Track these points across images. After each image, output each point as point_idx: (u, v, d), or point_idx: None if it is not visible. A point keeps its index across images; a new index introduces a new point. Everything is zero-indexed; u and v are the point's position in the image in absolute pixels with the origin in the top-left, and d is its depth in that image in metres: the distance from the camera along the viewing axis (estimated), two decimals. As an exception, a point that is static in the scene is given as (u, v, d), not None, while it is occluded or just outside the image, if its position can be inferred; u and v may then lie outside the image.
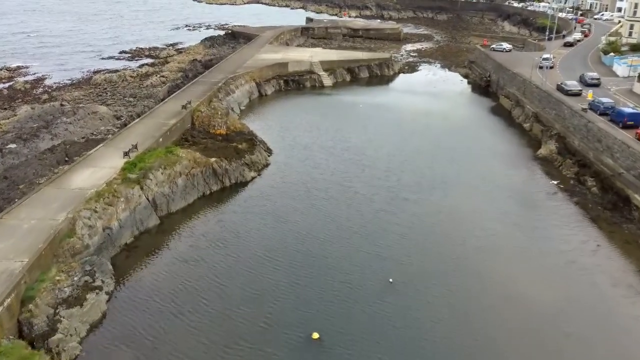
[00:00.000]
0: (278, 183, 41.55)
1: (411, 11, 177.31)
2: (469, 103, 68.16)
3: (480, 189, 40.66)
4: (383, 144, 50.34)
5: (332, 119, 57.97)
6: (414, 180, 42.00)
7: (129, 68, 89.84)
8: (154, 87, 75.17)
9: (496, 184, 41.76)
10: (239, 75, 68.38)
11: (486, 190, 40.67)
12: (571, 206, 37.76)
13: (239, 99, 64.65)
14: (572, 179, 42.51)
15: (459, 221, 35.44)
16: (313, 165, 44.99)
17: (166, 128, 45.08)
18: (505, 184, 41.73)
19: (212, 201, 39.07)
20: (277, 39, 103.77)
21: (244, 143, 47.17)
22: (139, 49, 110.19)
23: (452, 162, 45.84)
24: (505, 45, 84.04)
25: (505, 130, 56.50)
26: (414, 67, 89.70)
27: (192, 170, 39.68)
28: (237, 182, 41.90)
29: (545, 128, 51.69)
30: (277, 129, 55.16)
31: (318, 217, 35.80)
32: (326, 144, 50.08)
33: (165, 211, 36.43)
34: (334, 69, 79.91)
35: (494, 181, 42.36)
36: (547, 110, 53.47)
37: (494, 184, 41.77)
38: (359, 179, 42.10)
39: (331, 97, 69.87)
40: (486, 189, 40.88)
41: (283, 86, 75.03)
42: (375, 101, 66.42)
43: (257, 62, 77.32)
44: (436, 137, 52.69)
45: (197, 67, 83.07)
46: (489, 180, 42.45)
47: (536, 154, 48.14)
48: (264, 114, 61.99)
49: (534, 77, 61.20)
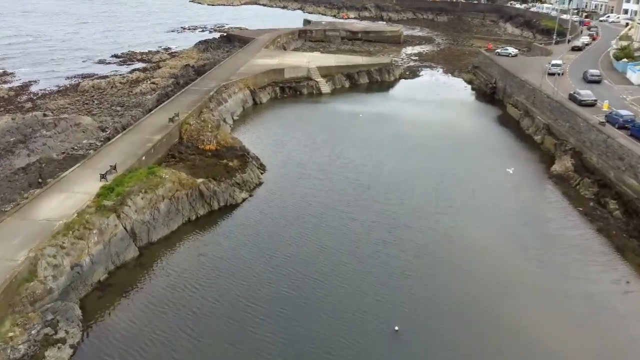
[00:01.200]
0: (269, 207, 38.02)
1: (411, 12, 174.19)
2: (474, 112, 64.54)
3: (490, 215, 36.97)
4: (383, 160, 46.69)
5: (330, 131, 54.42)
6: (417, 204, 38.38)
7: (120, 73, 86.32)
8: (143, 94, 71.67)
9: (508, 208, 38.10)
10: (232, 83, 64.92)
11: (497, 215, 37.00)
12: (593, 234, 34.24)
13: (232, 108, 61.19)
14: (591, 201, 39.04)
15: (469, 256, 31.61)
16: (307, 185, 41.45)
17: (150, 145, 41.63)
18: (519, 208, 38.10)
19: (197, 227, 35.59)
20: (273, 43, 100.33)
21: (235, 160, 43.75)
22: (132, 52, 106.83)
23: (459, 182, 42.21)
24: (510, 50, 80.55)
25: (515, 143, 52.90)
26: (415, 72, 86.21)
27: (176, 193, 36.20)
28: (227, 204, 38.43)
29: (558, 142, 48.22)
30: (271, 142, 51.69)
31: (311, 250, 32.06)
32: (322, 160, 46.52)
33: (145, 241, 32.96)
34: (332, 75, 76.45)
35: (505, 204, 38.69)
36: (560, 122, 50.00)
37: (506, 208, 38.11)
38: (356, 202, 38.47)
39: (329, 106, 66.33)
40: (497, 214, 37.21)
41: (279, 93, 71.56)
42: (376, 111, 62.87)
43: (251, 68, 73.85)
44: (440, 151, 49.01)
45: (189, 73, 79.68)
46: (500, 204, 38.80)
47: (550, 171, 44.60)
48: (258, 124, 58.51)
49: (544, 85, 57.78)
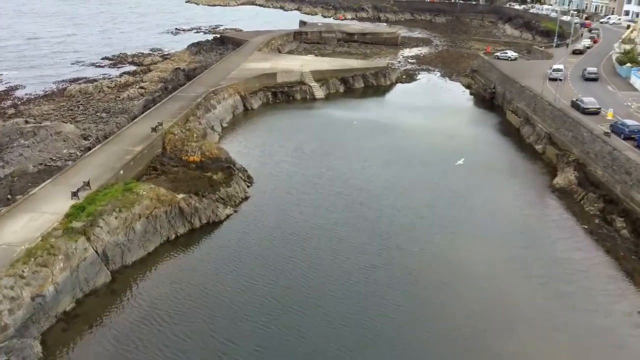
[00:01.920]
0: (253, 225, 35.62)
1: (409, 13, 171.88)
2: (473, 119, 62.11)
3: (489, 235, 34.48)
4: (376, 172, 44.15)
5: (321, 140, 52.01)
6: (410, 222, 35.84)
7: (109, 77, 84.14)
8: (130, 99, 69.33)
9: (509, 227, 35.61)
10: (222, 89, 62.55)
11: (497, 235, 34.48)
12: (600, 256, 31.88)
13: (221, 115, 58.83)
14: (596, 217, 36.71)
15: (466, 284, 29.12)
16: (295, 200, 39.04)
17: (130, 157, 39.27)
18: (520, 227, 35.60)
19: (176, 248, 33.25)
20: (267, 45, 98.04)
21: (220, 173, 41.40)
22: (123, 55, 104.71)
23: (455, 197, 39.74)
24: (510, 53, 78.12)
25: (515, 153, 50.54)
26: (412, 76, 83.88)
27: (154, 211, 33.84)
28: (209, 221, 36.07)
29: (560, 152, 45.92)
30: (260, 152, 49.34)
31: (295, 277, 29.53)
32: (311, 172, 44.09)
33: (119, 264, 30.64)
34: (327, 79, 74.11)
35: (505, 223, 36.22)
36: (563, 131, 47.71)
37: (507, 227, 35.67)
38: (346, 220, 35.99)
39: (322, 112, 63.98)
40: (497, 233, 34.69)
41: (271, 99, 69.26)
42: (370, 117, 60.51)
43: (243, 72, 71.48)
44: (437, 163, 46.43)
45: (179, 77, 77.31)
46: (500, 221, 36.38)
47: (553, 184, 42.27)
48: (247, 132, 56.14)
49: (545, 91, 55.49)
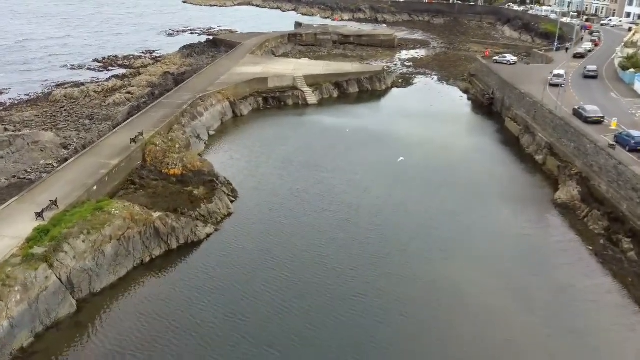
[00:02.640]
0: (234, 247, 33.22)
1: (406, 14, 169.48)
2: (470, 127, 59.74)
3: (488, 259, 31.98)
4: (368, 187, 41.67)
5: (311, 151, 49.63)
6: (402, 245, 33.21)
7: (97, 81, 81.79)
8: (116, 105, 67.03)
9: (508, 250, 33.11)
10: (210, 94, 60.20)
11: (496, 259, 31.97)
12: (607, 283, 29.50)
13: (208, 122, 56.46)
14: (601, 237, 34.40)
15: (463, 318, 26.67)
16: (281, 218, 36.60)
17: (104, 171, 36.87)
18: (521, 250, 33.12)
19: (150, 272, 30.90)
20: (260, 48, 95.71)
21: (202, 187, 39.06)
22: (114, 57, 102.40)
23: (451, 214, 37.20)
24: (509, 57, 75.84)
25: (514, 164, 48.18)
26: (408, 80, 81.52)
27: (127, 232, 31.49)
28: (188, 242, 33.76)
29: (562, 164, 43.60)
30: (247, 163, 46.97)
31: (274, 310, 26.92)
32: (299, 186, 41.65)
33: (86, 292, 28.29)
34: (320, 84, 71.75)
35: (505, 244, 33.78)
36: (564, 141, 45.40)
37: (506, 249, 33.19)
38: (333, 242, 33.49)
39: (314, 119, 61.61)
40: (496, 257, 32.19)
41: (262, 104, 66.91)
42: (364, 125, 58.13)
43: (233, 77, 69.11)
44: (432, 177, 44.00)
45: (168, 81, 74.87)
46: (499, 243, 33.92)
47: (554, 199, 39.94)
48: (235, 141, 53.77)
49: (546, 98, 53.19)
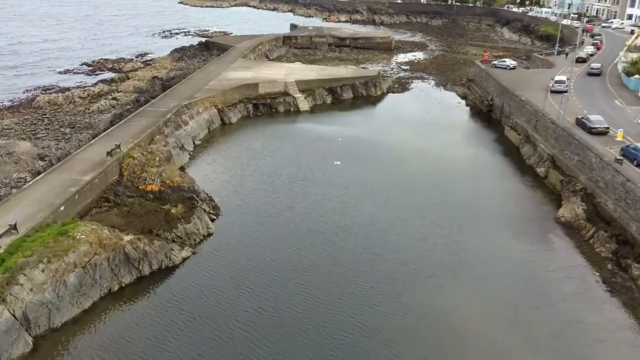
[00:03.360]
0: (211, 272, 30.63)
1: (404, 16, 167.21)
2: (469, 136, 57.16)
3: (486, 288, 29.42)
4: (359, 204, 38.97)
5: (301, 162, 47.03)
6: (392, 271, 30.53)
7: (83, 86, 79.24)
8: (100, 112, 64.42)
9: (509, 277, 30.50)
10: (196, 102, 57.62)
11: (496, 288, 29.38)
12: (619, 316, 26.87)
13: (194, 131, 53.90)
14: (609, 261, 31.88)
15: (462, 353, 24.36)
16: (264, 240, 33.92)
17: (75, 189, 34.28)
18: (523, 277, 30.51)
19: (118, 302, 28.33)
20: (253, 51, 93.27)
21: (180, 205, 36.51)
22: (103, 60, 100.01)
23: (446, 235, 34.58)
24: (508, 62, 73.24)
25: (515, 176, 45.62)
26: (404, 85, 78.95)
27: (93, 258, 28.92)
28: (162, 267, 31.21)
29: (565, 178, 41.09)
30: (231, 176, 44.38)
31: (247, 349, 24.42)
32: (285, 203, 39.02)
33: (44, 327, 25.74)
34: (313, 89, 69.25)
35: (505, 271, 31.13)
36: (567, 154, 42.88)
37: (508, 276, 30.61)
38: (319, 266, 30.90)
39: (305, 127, 59.00)
40: (495, 286, 29.61)
41: (252, 111, 64.37)
42: (357, 134, 55.59)
43: (222, 82, 66.56)
44: (427, 191, 41.45)
45: (155, 86, 72.44)
46: (499, 269, 31.25)
47: (557, 217, 37.41)
48: (220, 151, 51.17)
49: (547, 106, 50.68)
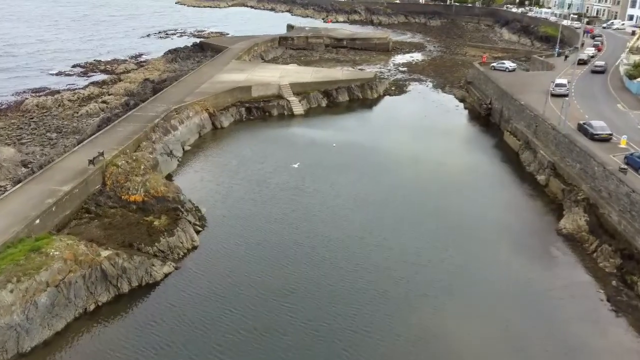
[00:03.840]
0: (193, 291, 28.99)
1: (402, 16, 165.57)
2: (467, 141, 55.48)
3: (486, 307, 27.74)
4: (349, 215, 37.25)
5: (292, 169, 45.45)
6: (383, 291, 28.73)
7: (74, 88, 77.57)
8: (89, 116, 62.85)
9: (510, 295, 28.82)
10: (186, 106, 55.97)
11: (496, 308, 27.70)
12: (627, 339, 25.19)
13: (183, 136, 52.25)
14: (614, 277, 30.26)
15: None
16: (249, 254, 32.25)
17: (52, 201, 32.62)
18: (523, 294, 28.79)
19: (94, 323, 26.71)
20: (248, 52, 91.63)
21: (164, 216, 34.91)
22: (96, 62, 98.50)
23: (441, 249, 32.92)
24: (508, 64, 71.62)
25: (514, 184, 43.97)
26: (402, 88, 77.30)
27: (67, 276, 27.29)
28: (142, 284, 29.60)
29: (567, 187, 39.46)
30: (220, 184, 42.74)
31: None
32: (274, 213, 37.40)
33: (12, 352, 24.13)
34: (308, 92, 67.61)
35: (505, 287, 29.47)
36: (569, 161, 41.26)
37: (507, 294, 28.89)
38: (304, 285, 29.17)
39: (298, 132, 57.35)
40: (495, 304, 27.96)
41: (245, 115, 62.72)
42: (352, 139, 53.94)
43: (214, 85, 64.92)
44: (423, 201, 39.77)
45: (146, 89, 70.81)
46: (499, 285, 29.65)
47: (559, 228, 35.77)
48: (210, 157, 49.53)
49: (548, 111, 49.07)
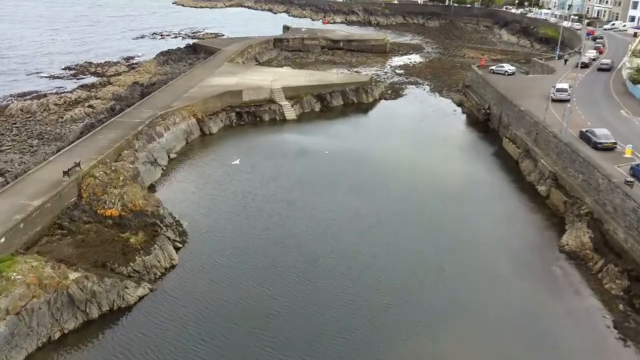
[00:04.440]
0: (168, 316, 26.83)
1: (401, 17, 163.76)
2: (465, 148, 53.36)
3: (485, 336, 25.67)
4: (338, 233, 34.87)
5: (281, 180, 43.24)
6: (371, 318, 26.73)
7: (62, 91, 75.45)
8: (74, 121, 60.71)
9: (510, 322, 26.77)
10: (173, 111, 53.87)
11: (495, 338, 25.67)
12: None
13: (169, 144, 50.14)
14: (621, 301, 28.19)
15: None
16: (229, 274, 30.07)
17: (20, 217, 30.45)
18: (525, 321, 26.70)
19: (58, 353, 24.60)
20: (242, 54, 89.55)
21: (141, 232, 32.77)
22: (87, 64, 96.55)
23: (436, 270, 30.76)
24: (507, 67, 69.43)
25: (514, 196, 41.90)
26: (398, 91, 75.22)
27: (30, 302, 25.17)
28: (114, 308, 27.49)
29: (569, 200, 37.39)
30: (203, 197, 40.60)
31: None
32: (258, 229, 35.22)
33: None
34: (301, 96, 65.58)
35: (506, 314, 27.41)
36: (571, 172, 39.19)
37: (507, 322, 26.83)
38: (288, 312, 26.99)
39: (290, 138, 55.23)
40: (495, 334, 25.94)
41: (235, 120, 60.63)
42: (345, 146, 51.84)
43: (204, 89, 62.81)
44: (418, 215, 37.63)
45: (134, 93, 68.79)
46: (499, 311, 27.56)
47: (561, 245, 33.67)
48: (196, 166, 47.43)
49: (549, 117, 47.02)
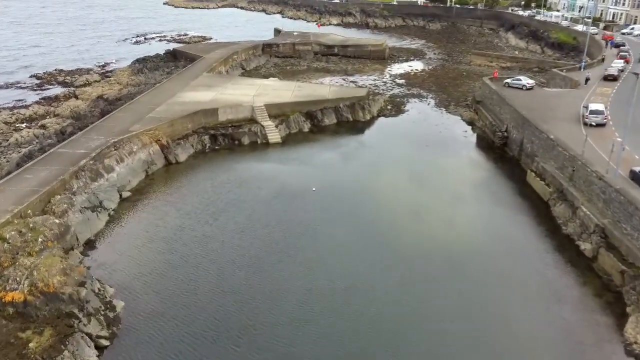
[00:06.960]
0: None
1: (400, 19, 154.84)
2: (480, 183, 43.92)
3: None
4: (326, 310, 26.07)
5: (252, 233, 34.06)
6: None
7: (18, 105, 66.78)
8: (19, 146, 51.60)
9: None
10: (130, 137, 44.79)
11: None
12: None
13: (122, 179, 41.09)
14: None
15: None
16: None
17: None
18: None
19: None
20: (226, 62, 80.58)
21: (49, 328, 23.73)
22: (57, 71, 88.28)
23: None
24: (525, 81, 60.15)
25: (546, 254, 32.53)
26: (399, 106, 66.15)
27: None
28: None
29: (628, 270, 28.38)
30: (155, 253, 31.53)
31: None
32: (220, 308, 26.22)
33: None
34: (287, 114, 56.51)
35: None
36: (627, 229, 30.18)
37: None
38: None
39: (271, 170, 46.00)
40: None
41: (209, 144, 51.54)
42: (337, 180, 42.72)
43: (172, 107, 53.63)
44: (427, 284, 28.64)
45: (95, 110, 59.94)
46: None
47: (624, 338, 24.76)
48: (154, 206, 38.29)
49: (588, 149, 38.08)
